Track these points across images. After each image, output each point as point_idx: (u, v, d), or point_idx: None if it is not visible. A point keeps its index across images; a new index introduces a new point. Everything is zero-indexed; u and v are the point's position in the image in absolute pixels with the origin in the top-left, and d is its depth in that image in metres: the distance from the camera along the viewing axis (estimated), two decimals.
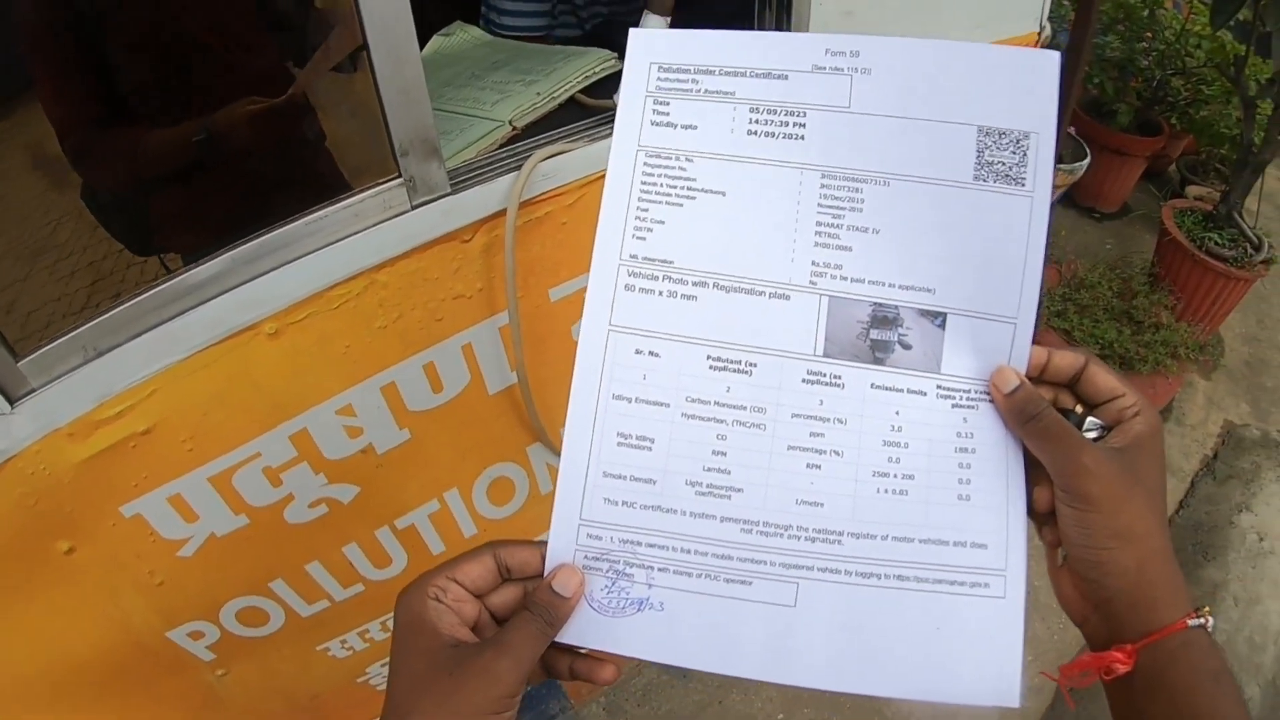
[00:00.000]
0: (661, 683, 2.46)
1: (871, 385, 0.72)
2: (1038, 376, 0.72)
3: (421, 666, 0.64)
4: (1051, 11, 2.01)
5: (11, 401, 1.04)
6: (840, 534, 0.70)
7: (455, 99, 1.54)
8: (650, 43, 0.76)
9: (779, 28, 1.47)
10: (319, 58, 1.32)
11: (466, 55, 1.78)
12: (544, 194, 1.30)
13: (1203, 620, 0.64)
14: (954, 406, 0.71)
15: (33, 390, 1.05)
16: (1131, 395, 0.69)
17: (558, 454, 1.55)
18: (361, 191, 1.15)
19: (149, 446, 1.15)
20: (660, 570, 0.71)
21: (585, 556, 0.72)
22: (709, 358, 0.73)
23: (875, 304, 0.72)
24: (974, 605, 0.69)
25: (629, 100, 0.76)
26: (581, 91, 1.54)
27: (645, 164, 0.75)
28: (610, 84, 1.47)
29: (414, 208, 1.19)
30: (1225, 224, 3.30)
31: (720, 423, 0.72)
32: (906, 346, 0.72)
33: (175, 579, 1.29)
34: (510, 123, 1.41)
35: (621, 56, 1.48)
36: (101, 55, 1.27)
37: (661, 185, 0.75)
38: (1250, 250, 3.24)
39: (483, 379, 1.41)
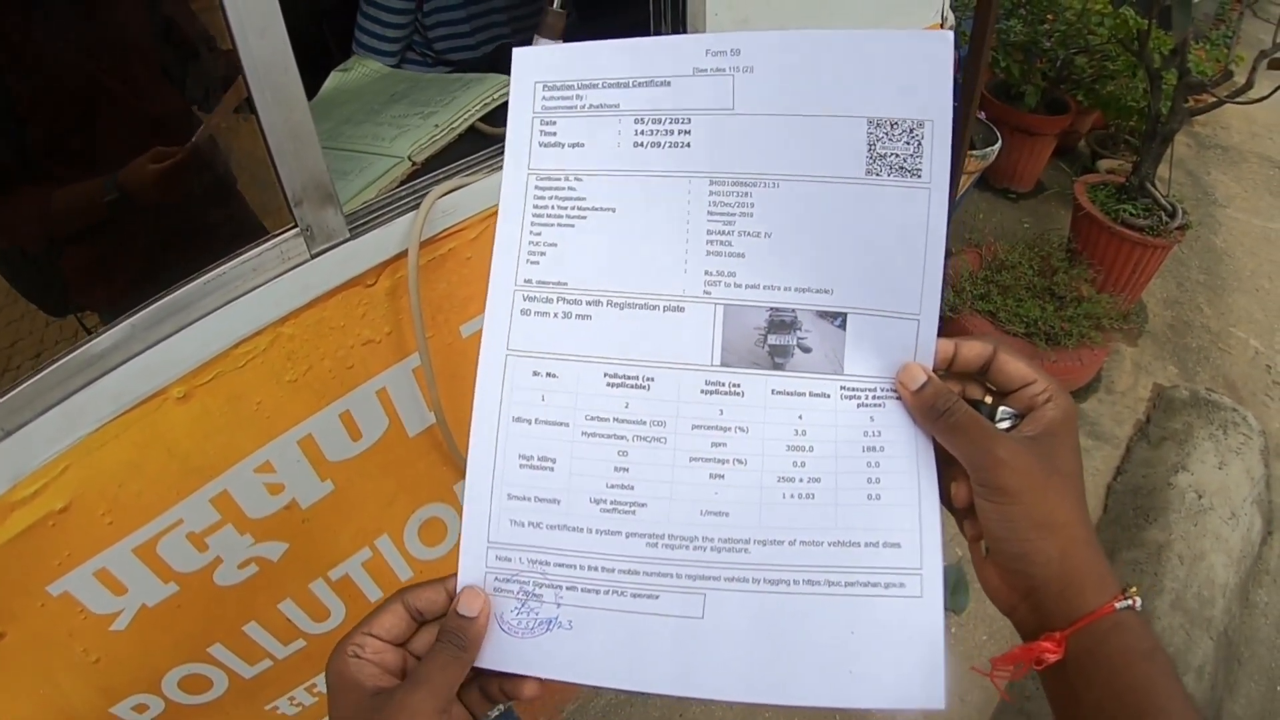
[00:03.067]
0: (620, 702, 2.44)
1: (772, 391, 0.71)
2: (946, 370, 0.72)
3: None
4: (953, 1, 2.03)
5: None
6: (746, 542, 0.69)
7: (354, 136, 1.51)
8: (534, 60, 0.75)
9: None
10: (225, 101, 1.29)
11: (365, 90, 1.75)
12: (445, 230, 1.28)
13: (1130, 602, 0.63)
14: (859, 406, 0.70)
15: None
16: (1042, 381, 0.68)
17: None
18: (259, 244, 1.12)
19: (68, 523, 1.12)
20: (568, 589, 0.71)
21: (495, 579, 0.72)
22: (606, 375, 0.73)
23: (771, 309, 0.71)
24: (890, 606, 0.68)
25: (517, 123, 0.75)
26: (482, 120, 1.52)
27: (536, 188, 0.75)
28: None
29: (313, 256, 1.16)
30: (1138, 195, 3.35)
31: (620, 439, 0.72)
32: (806, 350, 0.71)
33: (111, 654, 1.25)
34: (409, 158, 1.39)
35: None
36: (2, 112, 1.25)
37: (552, 207, 0.74)
38: (1165, 218, 3.30)
39: (401, 422, 1.39)
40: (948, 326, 3.09)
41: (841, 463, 0.70)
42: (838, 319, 0.70)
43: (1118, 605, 0.63)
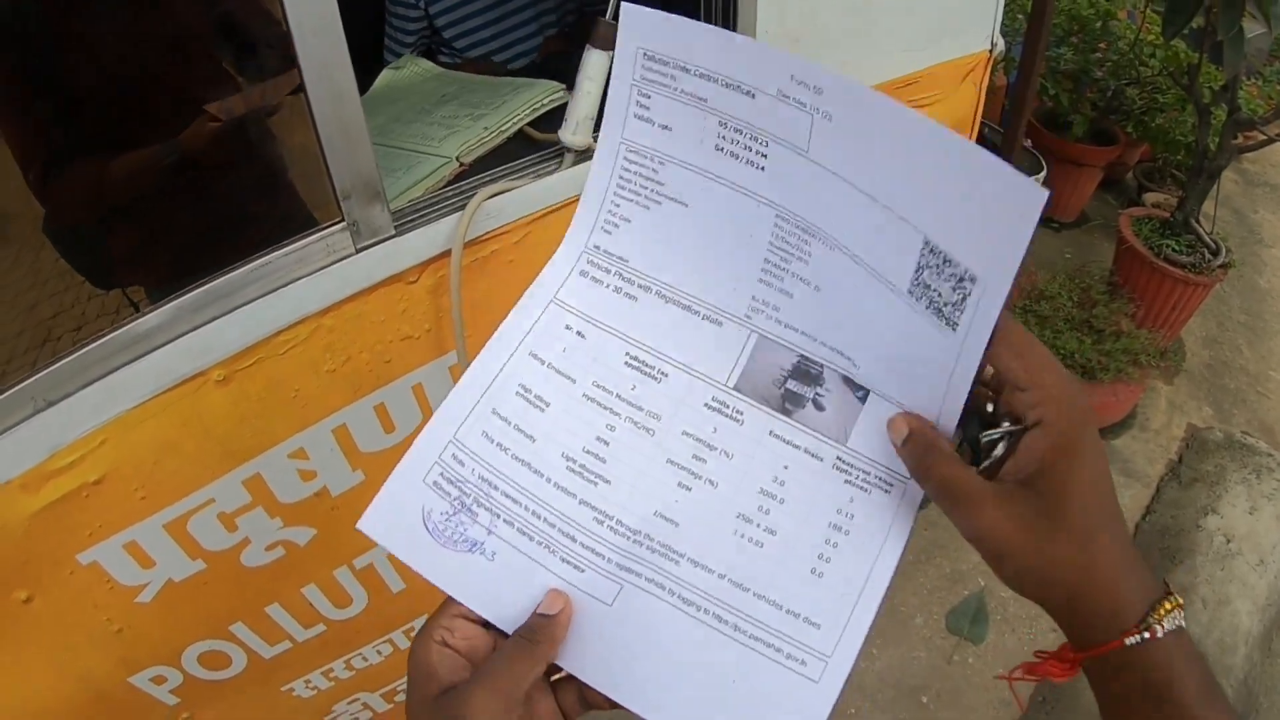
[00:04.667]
0: None
1: (770, 432, 0.70)
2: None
3: None
4: (1003, 25, 2.02)
5: None
6: (681, 556, 0.68)
7: (403, 135, 1.54)
8: (639, 23, 0.72)
9: None
10: (279, 84, 1.31)
11: (416, 89, 1.78)
12: (489, 233, 1.30)
13: (1138, 638, 0.55)
14: (845, 482, 0.68)
15: None
16: (1036, 391, 0.58)
17: None
18: (305, 236, 1.14)
19: (102, 495, 1.14)
20: (505, 521, 0.70)
21: (441, 474, 0.72)
22: (627, 354, 0.73)
23: (802, 356, 0.70)
24: (781, 676, 0.65)
25: (618, 86, 0.74)
26: (530, 124, 1.54)
27: (625, 158, 0.75)
28: (559, 116, 1.47)
29: (358, 251, 1.18)
30: (1182, 230, 3.32)
31: (614, 414, 0.72)
32: (820, 408, 0.69)
33: (135, 625, 1.28)
34: (457, 159, 1.41)
35: (571, 86, 1.49)
36: (60, 88, 1.27)
37: (635, 184, 0.75)
38: (1208, 255, 3.27)
39: None
40: None
41: (803, 528, 0.67)
42: (860, 391, 0.68)
43: (1127, 641, 0.56)
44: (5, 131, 1.22)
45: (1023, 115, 2.47)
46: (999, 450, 0.60)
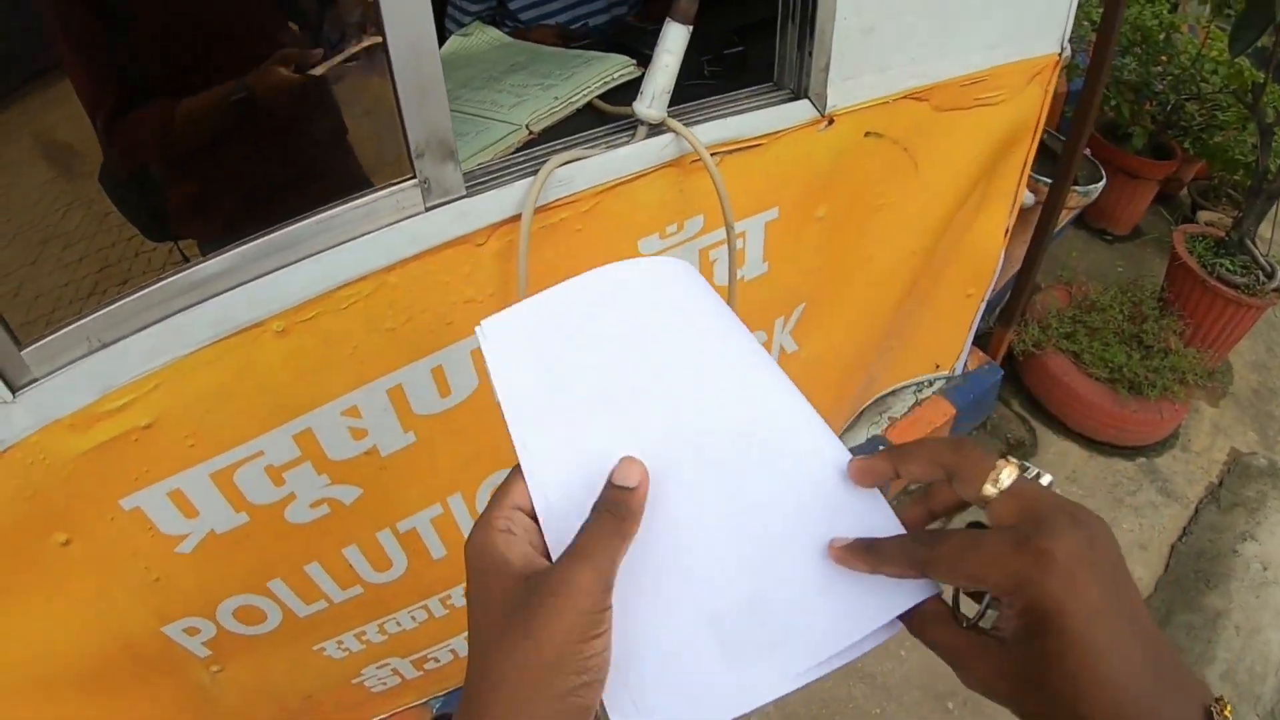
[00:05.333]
0: None
1: None
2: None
3: (497, 614, 0.56)
4: (1071, 32, 2.00)
5: (13, 390, 1.03)
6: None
7: (472, 101, 1.52)
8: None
9: (801, 45, 1.46)
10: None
11: (485, 56, 1.76)
12: (559, 200, 1.28)
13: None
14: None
15: (35, 380, 1.04)
16: (997, 571, 0.54)
17: None
18: (375, 191, 1.13)
19: (150, 440, 1.13)
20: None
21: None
22: None
23: None
24: None
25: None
26: (599, 97, 1.52)
27: None
28: (629, 90, 1.45)
29: (428, 209, 1.17)
30: (1237, 251, 3.26)
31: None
32: None
33: (172, 575, 1.27)
34: (527, 127, 1.39)
35: (642, 63, 1.47)
36: (132, 33, 1.27)
37: None
38: (1262, 278, 3.20)
39: (491, 385, 1.37)
40: (1029, 363, 3.04)
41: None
42: None
43: None
44: (74, 75, 1.20)
45: (1086, 124, 2.42)
46: (991, 612, 0.58)
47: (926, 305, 2.35)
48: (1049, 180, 2.57)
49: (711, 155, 1.33)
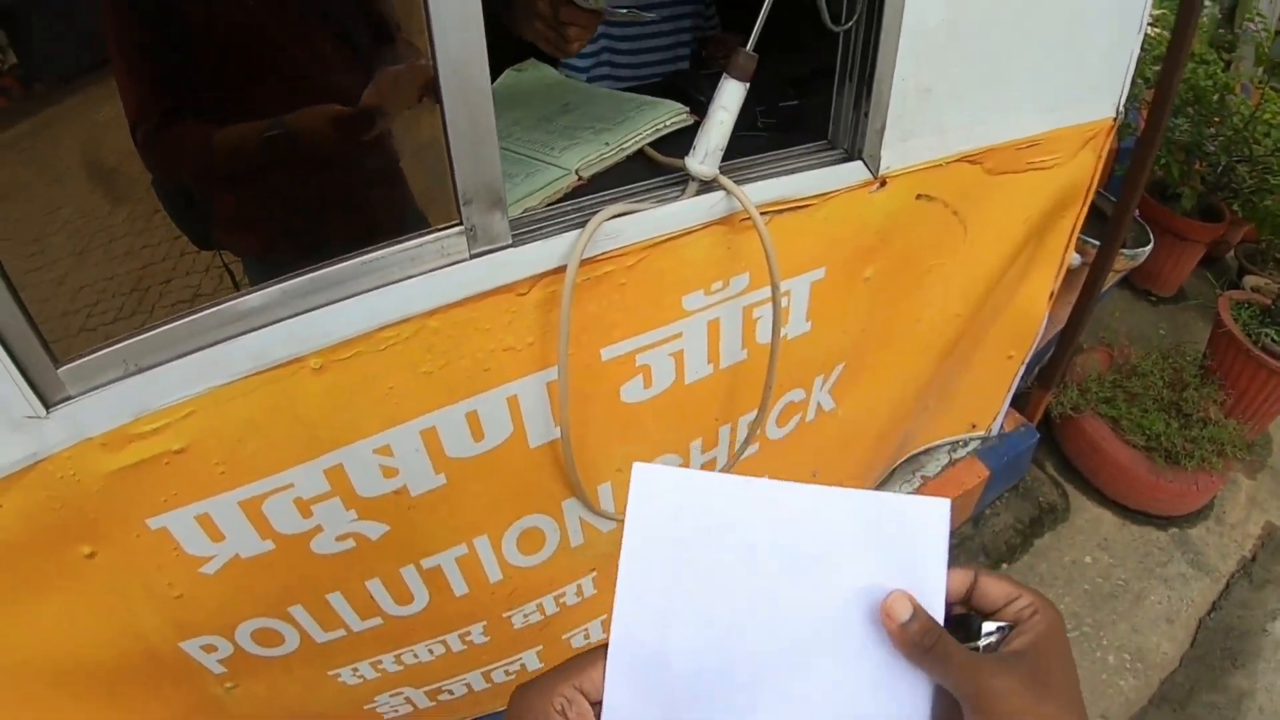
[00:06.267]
0: None
1: None
2: None
3: None
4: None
5: (47, 406, 1.02)
6: None
7: (523, 141, 1.51)
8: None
9: (857, 104, 1.44)
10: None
11: (538, 94, 1.75)
12: (605, 253, 1.26)
13: None
14: None
15: (69, 397, 1.04)
16: (1027, 595, 0.68)
17: (593, 510, 1.53)
18: (420, 236, 1.12)
19: (181, 465, 1.12)
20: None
21: None
22: None
23: None
24: None
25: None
26: (651, 144, 1.50)
27: None
28: (682, 138, 1.43)
29: (472, 257, 1.16)
30: None
31: None
32: None
33: (194, 593, 1.26)
34: (577, 172, 1.37)
35: (695, 110, 1.45)
36: (182, 49, 1.24)
37: None
38: None
39: (525, 431, 1.37)
40: (1066, 425, 2.99)
41: None
42: None
43: None
44: (121, 82, 1.18)
45: (1137, 188, 2.38)
46: (992, 639, 0.68)
47: (966, 366, 2.31)
48: (1096, 242, 2.52)
49: (761, 214, 1.31)
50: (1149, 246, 3.21)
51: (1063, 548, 2.89)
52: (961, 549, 2.82)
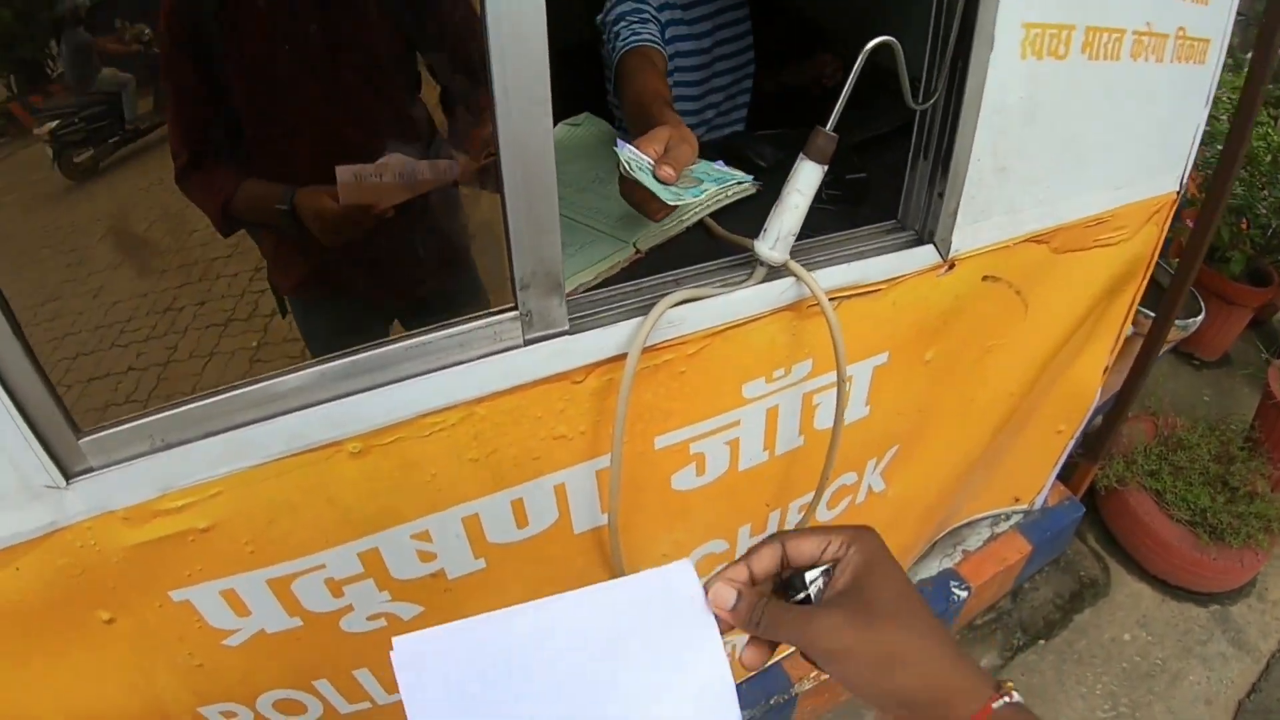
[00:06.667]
0: None
1: None
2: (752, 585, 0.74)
3: None
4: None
5: (68, 477, 0.96)
6: None
7: (577, 205, 1.43)
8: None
9: (931, 184, 1.36)
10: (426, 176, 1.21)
11: (593, 152, 1.68)
12: (666, 342, 1.18)
13: (1007, 698, 0.63)
14: None
15: (91, 469, 0.98)
16: (837, 536, 0.72)
17: None
18: (470, 320, 1.05)
19: (207, 543, 1.06)
20: None
21: None
22: None
23: None
24: None
25: None
26: (712, 215, 1.42)
27: None
28: (746, 209, 1.36)
29: (526, 343, 1.08)
30: None
31: None
32: None
33: (216, 663, 1.21)
34: (635, 245, 1.30)
35: (759, 176, 1.37)
36: (220, 98, 1.22)
37: None
38: None
39: (570, 518, 1.30)
40: (1110, 498, 2.89)
41: None
42: None
43: (994, 705, 0.63)
44: (168, 113, 1.16)
45: (1196, 261, 2.28)
46: (819, 583, 0.72)
47: (1014, 440, 2.22)
48: (1151, 313, 2.42)
49: (830, 300, 1.23)
50: (1200, 316, 3.11)
51: (1102, 624, 2.78)
52: (999, 624, 2.72)
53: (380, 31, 1.25)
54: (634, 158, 1.19)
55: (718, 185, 1.26)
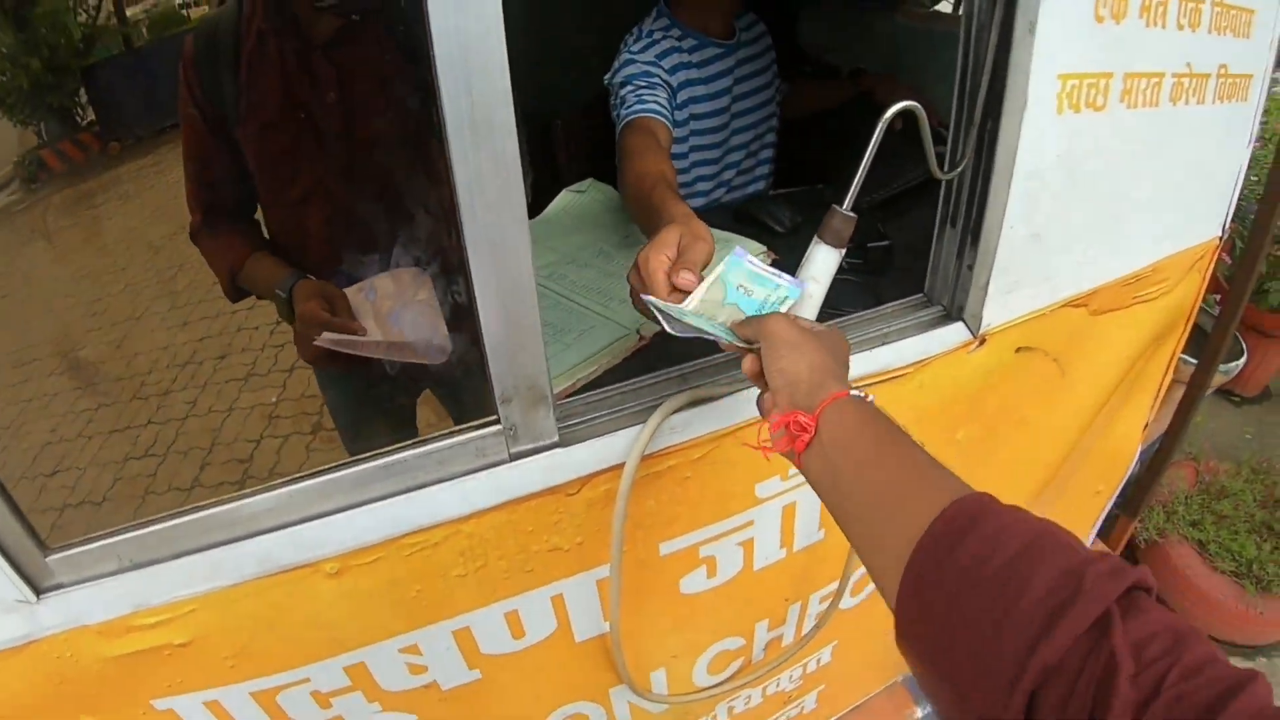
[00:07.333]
0: None
1: None
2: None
3: None
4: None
5: (37, 592, 0.92)
6: None
7: (577, 283, 1.33)
8: None
9: (960, 255, 1.24)
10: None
11: (598, 222, 1.58)
12: (668, 448, 1.07)
13: (863, 394, 0.83)
14: None
15: (61, 585, 0.94)
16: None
17: (644, 696, 1.34)
18: (450, 436, 0.95)
19: (186, 656, 1.00)
20: None
21: None
22: None
23: None
24: None
25: None
26: None
27: None
28: None
29: (512, 459, 0.98)
30: None
31: None
32: None
33: None
34: (639, 332, 1.18)
35: (771, 238, 1.25)
36: (239, 160, 1.17)
37: None
38: None
39: (571, 627, 1.20)
40: (1150, 551, 2.72)
41: None
42: None
43: (851, 393, 0.82)
44: (186, 172, 1.13)
45: (1241, 304, 2.14)
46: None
47: (1051, 506, 2.06)
48: (1193, 361, 2.27)
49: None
50: (1242, 360, 2.97)
51: None
52: None
53: (399, 107, 1.18)
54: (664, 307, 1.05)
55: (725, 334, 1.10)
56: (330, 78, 1.16)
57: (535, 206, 1.66)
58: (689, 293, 0.98)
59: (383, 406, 1.38)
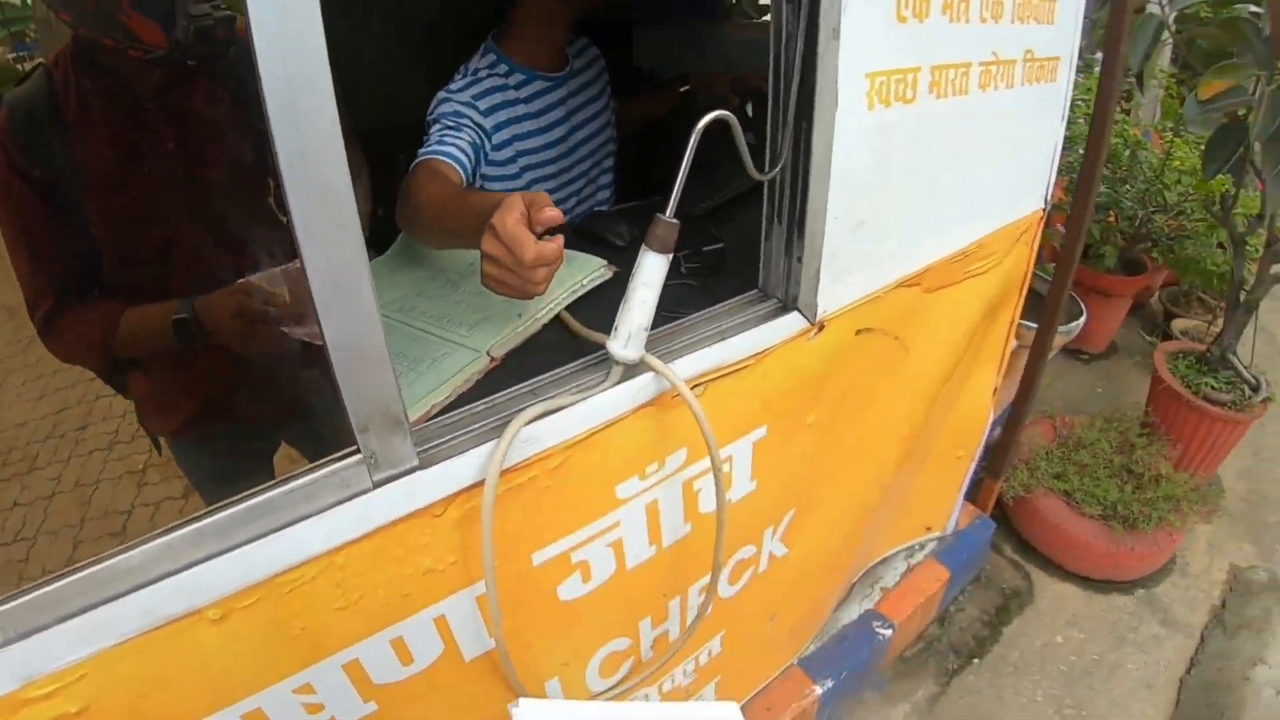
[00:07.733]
0: None
1: None
2: None
3: None
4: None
5: None
6: None
7: (426, 313, 1.35)
8: None
9: (789, 249, 1.31)
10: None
11: (440, 253, 1.58)
12: (525, 461, 1.10)
13: None
14: None
15: None
16: None
17: None
18: (313, 470, 0.96)
19: None
20: None
21: None
22: None
23: None
24: None
25: None
26: (571, 307, 1.34)
27: None
28: (607, 295, 1.28)
29: (375, 486, 1.00)
30: (1220, 366, 3.09)
31: None
32: None
33: None
34: (489, 353, 1.22)
35: (609, 252, 1.30)
36: (78, 229, 1.13)
37: None
38: (1248, 392, 3.02)
39: (458, 647, 1.20)
40: (1019, 506, 2.84)
41: None
42: None
43: None
44: (16, 262, 1.09)
45: (1071, 268, 2.27)
46: None
47: (916, 474, 2.16)
48: (1033, 325, 2.40)
49: (695, 386, 1.16)
50: (1082, 319, 3.11)
51: (1032, 632, 2.72)
52: (930, 652, 2.65)
53: (239, 145, 1.17)
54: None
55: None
56: (167, 125, 1.14)
57: (386, 238, 1.66)
58: (559, 229, 1.04)
59: (244, 467, 1.36)
